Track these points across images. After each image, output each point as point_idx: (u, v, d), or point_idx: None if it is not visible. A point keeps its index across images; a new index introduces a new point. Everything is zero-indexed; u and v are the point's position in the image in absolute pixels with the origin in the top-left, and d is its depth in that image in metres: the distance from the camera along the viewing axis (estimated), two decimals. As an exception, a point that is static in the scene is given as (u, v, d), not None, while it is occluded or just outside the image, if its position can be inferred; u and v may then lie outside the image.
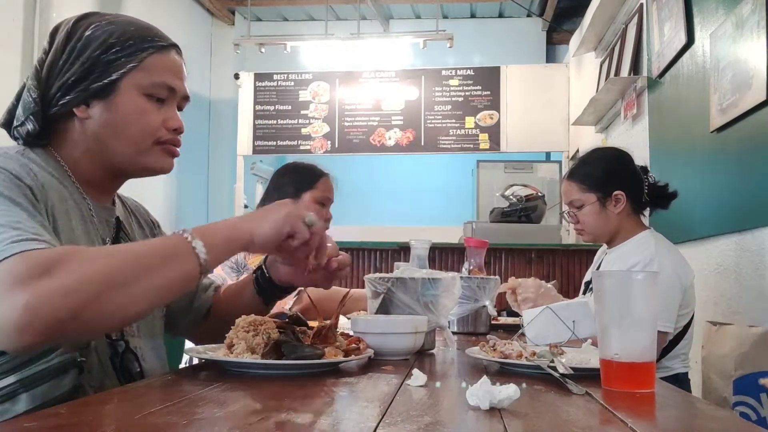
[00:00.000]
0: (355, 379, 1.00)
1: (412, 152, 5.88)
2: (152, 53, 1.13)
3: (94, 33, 1.11)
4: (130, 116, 1.12)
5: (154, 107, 1.14)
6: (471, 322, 1.89)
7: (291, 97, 5.97)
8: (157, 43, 1.15)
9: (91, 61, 1.10)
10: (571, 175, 2.18)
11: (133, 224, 1.28)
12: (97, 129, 1.12)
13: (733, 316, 2.42)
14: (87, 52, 1.10)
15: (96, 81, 1.10)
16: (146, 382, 0.92)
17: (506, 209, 4.63)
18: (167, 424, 0.70)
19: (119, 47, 1.11)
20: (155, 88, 1.14)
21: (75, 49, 1.10)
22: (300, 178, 2.33)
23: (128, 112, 1.12)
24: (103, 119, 1.11)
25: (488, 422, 0.74)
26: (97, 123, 1.11)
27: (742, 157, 2.35)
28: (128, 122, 1.12)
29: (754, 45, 2.21)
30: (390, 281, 1.38)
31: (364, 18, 6.06)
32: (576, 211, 2.14)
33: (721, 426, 0.80)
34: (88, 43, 1.10)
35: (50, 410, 0.74)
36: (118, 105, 1.11)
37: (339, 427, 0.70)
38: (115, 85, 1.11)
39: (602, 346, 0.93)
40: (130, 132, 1.13)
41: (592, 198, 2.10)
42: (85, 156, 1.14)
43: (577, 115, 4.67)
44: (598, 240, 2.19)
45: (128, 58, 1.11)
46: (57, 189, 1.07)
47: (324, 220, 2.31)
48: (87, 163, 1.14)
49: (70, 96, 1.10)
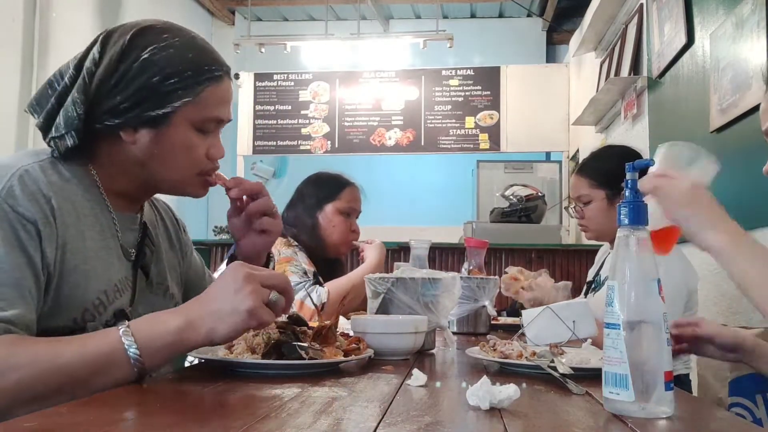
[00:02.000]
0: (355, 379, 1.00)
1: (412, 152, 5.88)
2: (208, 86, 1.11)
3: (152, 56, 1.07)
4: (178, 149, 1.11)
5: (202, 139, 1.13)
6: (471, 322, 1.89)
7: (291, 97, 5.97)
8: (214, 74, 1.12)
9: (147, 90, 1.06)
10: (581, 169, 2.16)
11: (159, 228, 1.28)
12: (141, 155, 1.10)
13: (733, 317, 2.42)
14: (143, 78, 1.06)
15: (149, 110, 1.07)
16: (146, 383, 0.92)
17: (506, 209, 4.63)
18: (167, 424, 0.70)
19: (177, 78, 1.08)
20: (207, 123, 1.13)
21: (130, 70, 1.06)
22: (323, 188, 2.28)
23: (177, 145, 1.10)
24: (150, 147, 1.09)
25: (488, 422, 0.74)
26: (143, 149, 1.09)
27: (742, 157, 2.35)
28: (176, 155, 1.11)
29: (754, 45, 2.21)
30: (390, 281, 1.38)
31: (364, 18, 6.06)
32: (583, 206, 2.12)
33: (721, 426, 0.81)
34: (145, 67, 1.07)
35: (50, 410, 0.74)
36: (168, 136, 1.09)
37: (339, 427, 0.70)
38: (168, 117, 1.08)
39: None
40: (176, 164, 1.12)
41: (600, 194, 2.08)
42: (122, 175, 1.13)
43: (577, 115, 4.67)
44: (600, 238, 2.17)
45: (184, 91, 1.08)
46: (77, 204, 1.06)
47: (351, 231, 2.27)
48: (122, 182, 1.14)
49: (119, 120, 1.07)
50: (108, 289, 1.07)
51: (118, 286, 1.10)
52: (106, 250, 1.10)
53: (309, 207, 2.25)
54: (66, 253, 1.02)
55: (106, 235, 1.11)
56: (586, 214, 2.11)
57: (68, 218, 1.04)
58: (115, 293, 1.09)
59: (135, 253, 1.16)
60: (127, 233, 1.16)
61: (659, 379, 0.78)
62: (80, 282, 1.03)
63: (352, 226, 2.28)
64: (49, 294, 1.00)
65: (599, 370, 0.83)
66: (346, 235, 2.25)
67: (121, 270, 1.12)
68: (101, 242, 1.09)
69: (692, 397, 1.02)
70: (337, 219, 2.23)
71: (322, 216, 2.23)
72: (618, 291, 0.81)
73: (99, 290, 1.06)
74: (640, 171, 0.89)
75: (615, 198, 2.06)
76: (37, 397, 0.87)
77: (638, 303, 0.80)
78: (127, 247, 1.15)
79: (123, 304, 1.10)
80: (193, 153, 1.12)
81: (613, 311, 0.80)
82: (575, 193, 2.15)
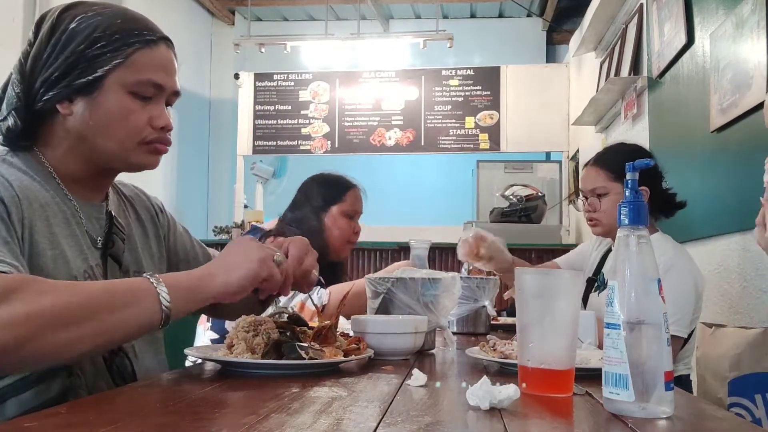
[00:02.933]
0: (355, 379, 1.00)
1: (412, 152, 5.88)
2: (139, 48, 1.08)
3: (79, 26, 1.07)
4: (114, 115, 1.08)
5: (140, 105, 1.10)
6: (471, 322, 1.89)
7: (291, 97, 5.97)
8: (145, 37, 1.10)
9: (75, 56, 1.06)
10: (598, 160, 2.09)
11: (129, 215, 1.25)
12: (80, 126, 1.08)
13: (734, 317, 2.42)
14: (71, 46, 1.06)
15: (79, 77, 1.06)
16: (146, 383, 0.92)
17: (506, 209, 4.63)
18: (167, 424, 0.70)
19: (104, 42, 1.06)
20: (141, 86, 1.09)
21: (59, 42, 1.06)
22: (329, 190, 2.27)
23: (112, 110, 1.08)
24: (86, 117, 1.07)
25: (488, 422, 0.74)
26: (80, 120, 1.08)
27: (742, 157, 2.35)
28: (112, 121, 1.08)
29: (754, 45, 2.21)
30: (390, 281, 1.38)
31: (364, 18, 6.06)
32: (596, 199, 2.04)
33: (721, 426, 0.80)
34: (73, 36, 1.06)
35: (50, 410, 0.73)
36: (102, 103, 1.07)
37: (339, 427, 0.70)
38: (99, 82, 1.06)
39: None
40: (113, 131, 1.09)
41: (618, 188, 2.00)
42: (69, 154, 1.11)
43: (577, 115, 4.67)
44: (609, 234, 2.10)
45: (113, 54, 1.06)
46: (38, 195, 1.05)
47: (353, 232, 2.28)
48: (72, 163, 1.11)
49: (53, 92, 1.06)
50: (78, 276, 1.05)
51: (89, 273, 1.08)
52: (73, 237, 1.08)
53: (315, 208, 2.24)
54: (34, 236, 1.01)
55: (71, 223, 1.09)
56: (601, 206, 2.03)
57: (33, 204, 1.03)
58: (87, 279, 1.07)
59: (103, 242, 1.14)
60: (93, 222, 1.14)
61: (659, 379, 0.78)
62: (48, 266, 1.01)
63: (354, 227, 2.28)
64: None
65: (599, 370, 0.83)
66: (348, 237, 2.26)
67: (91, 258, 1.10)
68: (67, 229, 1.08)
69: (692, 397, 1.01)
70: (342, 221, 2.23)
71: (328, 218, 2.23)
72: (618, 291, 0.81)
73: (69, 275, 1.04)
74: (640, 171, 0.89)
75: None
76: (71, 321, 0.87)
77: (638, 303, 0.80)
78: (94, 236, 1.13)
79: None
80: (130, 119, 1.09)
81: (613, 311, 0.80)
82: (590, 185, 2.06)
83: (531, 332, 0.92)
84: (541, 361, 0.90)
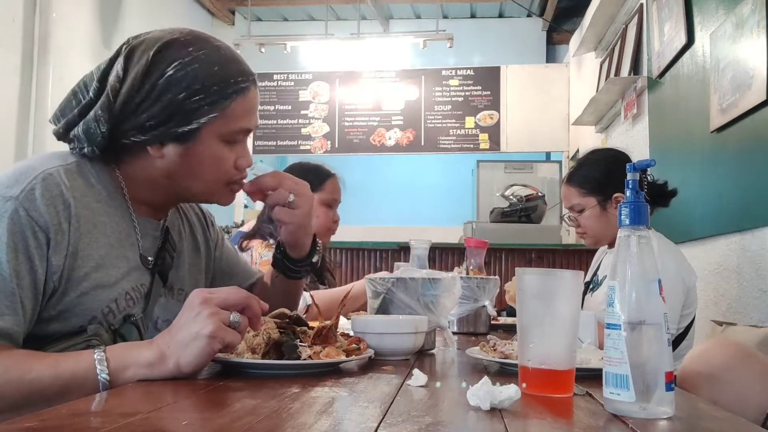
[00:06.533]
0: (356, 379, 1.00)
1: (412, 152, 5.89)
2: (235, 99, 1.09)
3: (176, 73, 1.05)
4: (206, 162, 1.11)
5: (229, 149, 1.12)
6: (471, 322, 1.88)
7: (291, 97, 5.98)
8: (240, 86, 1.10)
9: (173, 107, 1.05)
10: (569, 179, 2.17)
11: (184, 229, 1.27)
12: (170, 167, 1.10)
13: (733, 316, 2.42)
14: (168, 96, 1.05)
15: (175, 127, 1.06)
16: (145, 383, 0.92)
17: (506, 209, 4.63)
18: (167, 424, 0.70)
19: (203, 94, 1.06)
20: (234, 135, 1.12)
21: (155, 88, 1.05)
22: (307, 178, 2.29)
23: (205, 158, 1.10)
24: (177, 161, 1.09)
25: (489, 422, 0.74)
26: (171, 163, 1.09)
27: (742, 157, 2.35)
28: (204, 168, 1.11)
29: (754, 45, 2.21)
30: (390, 281, 1.38)
31: (364, 18, 6.06)
32: (577, 215, 2.13)
33: (721, 426, 0.80)
34: (170, 84, 1.05)
35: (50, 410, 0.73)
36: (196, 152, 1.09)
37: (339, 427, 0.70)
38: (195, 133, 1.07)
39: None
40: (203, 176, 1.12)
41: (592, 202, 2.09)
42: (149, 185, 1.13)
43: (577, 115, 4.67)
44: (600, 243, 2.19)
45: (211, 107, 1.07)
46: (96, 212, 1.06)
47: (333, 221, 2.28)
48: (149, 191, 1.14)
49: (145, 137, 1.07)
50: (119, 297, 1.07)
51: (131, 294, 1.10)
52: (123, 258, 1.09)
53: None
54: (77, 260, 1.02)
55: (124, 243, 1.10)
56: (582, 222, 2.12)
57: (84, 226, 1.03)
58: (128, 301, 1.09)
59: (153, 261, 1.15)
60: (148, 239, 1.15)
61: (660, 379, 0.78)
62: (89, 290, 1.03)
63: (333, 216, 2.28)
64: (54, 301, 1.00)
65: (600, 370, 0.83)
66: (328, 226, 2.26)
67: (137, 277, 1.12)
68: (118, 249, 1.09)
69: (692, 397, 1.01)
70: (320, 210, 2.22)
71: None
72: (619, 291, 0.81)
73: (109, 299, 1.05)
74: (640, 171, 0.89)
75: (607, 202, 2.07)
76: (11, 407, 0.87)
77: (639, 303, 0.80)
78: (146, 255, 1.14)
79: (135, 312, 1.10)
80: (221, 165, 1.12)
81: (613, 312, 0.80)
82: (567, 203, 2.16)
83: (531, 332, 0.92)
84: (542, 361, 0.90)
